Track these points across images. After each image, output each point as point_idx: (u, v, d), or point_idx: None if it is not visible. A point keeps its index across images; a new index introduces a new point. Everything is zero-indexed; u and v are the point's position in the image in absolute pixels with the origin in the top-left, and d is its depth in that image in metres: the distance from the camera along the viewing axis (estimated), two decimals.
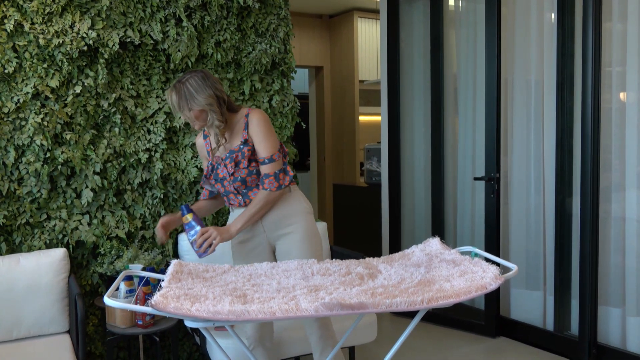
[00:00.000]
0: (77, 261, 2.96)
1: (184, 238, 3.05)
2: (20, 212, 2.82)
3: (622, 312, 3.22)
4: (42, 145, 2.79)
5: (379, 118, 4.73)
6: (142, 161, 3.03)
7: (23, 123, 2.78)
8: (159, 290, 1.77)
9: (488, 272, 1.79)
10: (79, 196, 2.93)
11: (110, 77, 2.98)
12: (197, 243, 2.29)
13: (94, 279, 2.98)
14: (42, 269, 2.68)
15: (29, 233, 2.84)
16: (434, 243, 2.18)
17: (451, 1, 4.06)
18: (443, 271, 1.91)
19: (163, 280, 1.93)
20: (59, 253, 2.76)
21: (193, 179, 3.14)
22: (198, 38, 3.18)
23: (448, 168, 4.15)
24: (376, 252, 3.37)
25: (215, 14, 3.19)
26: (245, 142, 2.37)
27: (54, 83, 2.81)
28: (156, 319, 2.68)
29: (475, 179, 3.80)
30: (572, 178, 3.42)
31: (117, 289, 2.57)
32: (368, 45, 6.27)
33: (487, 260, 1.98)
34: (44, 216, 2.86)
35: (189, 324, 1.68)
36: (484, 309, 3.79)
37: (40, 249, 2.83)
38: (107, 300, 1.69)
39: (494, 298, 3.71)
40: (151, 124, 3.09)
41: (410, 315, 3.74)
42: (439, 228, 4.18)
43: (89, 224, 2.94)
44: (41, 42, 2.76)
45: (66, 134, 2.85)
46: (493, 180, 3.67)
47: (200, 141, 2.54)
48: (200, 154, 2.58)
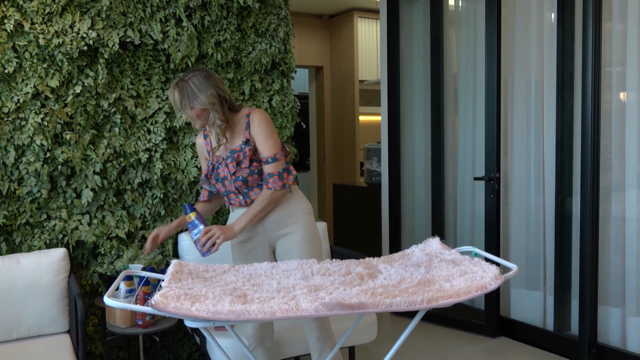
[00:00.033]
0: (77, 261, 2.96)
1: (184, 238, 3.05)
2: (20, 212, 2.82)
3: (622, 312, 3.22)
4: (42, 145, 2.79)
5: (379, 118, 4.73)
6: (142, 161, 3.03)
7: (23, 123, 2.78)
8: (159, 290, 1.77)
9: (488, 272, 1.79)
10: (79, 196, 2.93)
11: (110, 77, 2.98)
12: (201, 242, 2.29)
13: (94, 278, 2.98)
14: (42, 269, 2.68)
15: (29, 233, 2.84)
16: (434, 243, 2.18)
17: (451, 1, 4.06)
18: (443, 271, 1.91)
19: (163, 280, 1.93)
20: (59, 253, 2.76)
21: (193, 179, 3.14)
22: (198, 38, 3.18)
23: (448, 168, 4.15)
24: (376, 252, 3.37)
25: (215, 14, 3.20)
26: (247, 142, 2.37)
27: (54, 83, 2.81)
28: (156, 318, 2.68)
29: (475, 178, 3.80)
30: (572, 178, 3.42)
31: (117, 288, 2.57)
32: (368, 45, 6.27)
33: (487, 260, 1.98)
34: (44, 216, 2.86)
35: (189, 323, 1.68)
36: (484, 309, 3.79)
37: (40, 249, 2.83)
38: (107, 300, 1.69)
39: (494, 298, 3.71)
40: (151, 124, 3.09)
41: (410, 315, 3.74)
42: (439, 228, 4.18)
43: (89, 224, 2.94)
44: (41, 42, 2.76)
45: (66, 134, 2.85)
46: (493, 180, 3.67)
47: (200, 141, 2.54)
48: (199, 154, 2.58)
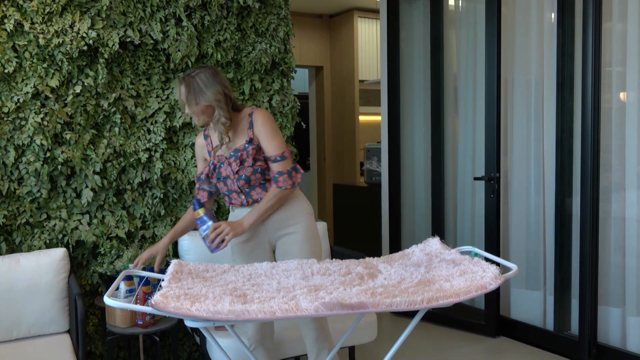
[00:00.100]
0: (77, 261, 2.96)
1: (185, 238, 3.04)
2: (20, 212, 2.82)
3: (622, 312, 3.22)
4: (42, 145, 2.79)
5: (379, 118, 4.73)
6: (142, 161, 3.03)
7: (23, 123, 2.78)
8: (159, 290, 1.77)
9: (488, 272, 1.79)
10: (79, 196, 2.93)
11: (110, 77, 2.98)
12: (210, 238, 2.28)
13: (94, 278, 2.98)
14: (42, 268, 2.68)
15: (29, 233, 2.84)
16: (434, 243, 2.18)
17: (451, 1, 4.06)
18: (443, 271, 1.91)
19: (163, 280, 1.93)
20: (59, 253, 2.76)
21: (193, 179, 3.14)
22: (198, 38, 3.18)
23: (448, 168, 4.15)
24: (376, 252, 3.37)
25: (215, 14, 3.19)
26: (251, 141, 2.37)
27: (54, 83, 2.81)
28: (156, 318, 2.68)
29: (475, 178, 3.80)
30: (572, 178, 3.42)
31: (117, 288, 2.56)
32: (368, 45, 6.27)
33: (487, 260, 1.98)
34: (44, 216, 2.86)
35: (189, 323, 1.68)
36: (484, 309, 3.79)
37: (40, 248, 2.83)
38: (107, 300, 1.69)
39: (494, 298, 3.71)
40: (151, 124, 3.09)
41: (410, 315, 3.74)
42: (439, 228, 4.18)
43: (89, 224, 2.94)
44: (41, 42, 2.76)
45: (66, 134, 2.85)
46: (493, 180, 3.67)
47: (200, 141, 2.54)
48: (197, 154, 2.56)
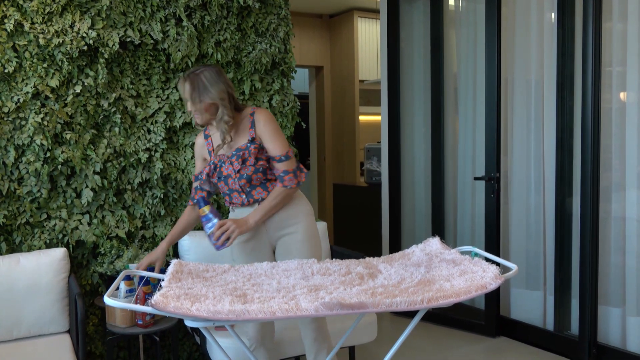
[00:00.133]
0: (77, 261, 2.96)
1: (185, 238, 3.04)
2: (20, 212, 2.82)
3: (622, 312, 3.22)
4: (42, 144, 2.79)
5: (379, 118, 4.73)
6: (142, 161, 3.03)
7: (23, 123, 2.78)
8: (159, 289, 1.77)
9: (488, 272, 1.79)
10: (79, 196, 2.93)
11: (110, 77, 2.98)
12: (215, 236, 2.28)
13: (94, 278, 2.98)
14: (42, 268, 2.68)
15: (29, 233, 2.84)
16: (434, 243, 2.18)
17: (451, 1, 4.06)
18: (443, 271, 1.91)
19: (163, 280, 1.93)
20: (59, 253, 2.76)
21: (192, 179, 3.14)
22: (198, 38, 3.18)
23: (448, 168, 4.15)
24: (376, 252, 3.37)
25: (216, 14, 3.19)
26: (253, 141, 2.38)
27: (54, 83, 2.81)
28: (156, 318, 2.68)
29: (476, 178, 3.80)
30: (572, 178, 3.42)
31: (117, 288, 2.56)
32: (368, 45, 6.27)
33: (487, 260, 1.98)
34: (44, 216, 2.86)
35: (189, 323, 1.68)
36: (484, 309, 3.79)
37: (40, 248, 2.83)
38: (107, 300, 1.69)
39: (494, 298, 3.71)
40: (151, 124, 3.09)
41: (410, 315, 3.74)
42: (439, 228, 4.18)
43: (89, 224, 2.94)
44: (41, 42, 2.76)
45: (66, 134, 2.85)
46: (493, 180, 3.67)
47: (200, 140, 2.53)
48: (197, 154, 2.56)
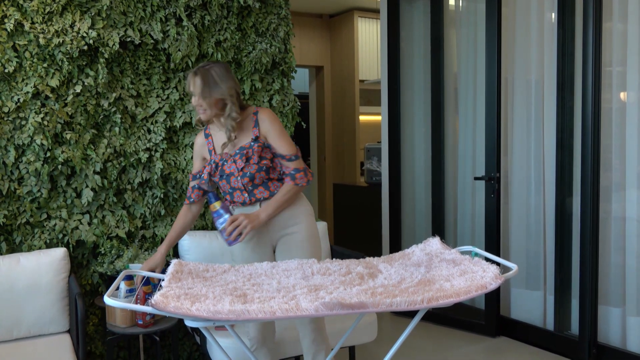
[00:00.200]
0: (78, 261, 2.96)
1: (185, 238, 3.04)
2: (21, 212, 2.82)
3: (622, 312, 3.22)
4: (42, 144, 2.79)
5: (379, 118, 4.73)
6: (143, 161, 3.03)
7: (23, 122, 2.78)
8: (159, 289, 1.77)
9: (488, 272, 1.79)
10: (79, 196, 2.93)
11: (111, 77, 2.98)
12: (227, 231, 2.28)
13: (94, 278, 2.98)
14: (42, 268, 2.68)
15: (29, 232, 2.84)
16: (434, 243, 2.18)
17: (451, 1, 4.06)
18: (443, 271, 1.91)
19: (163, 279, 1.93)
20: (59, 253, 2.76)
21: None
22: (198, 37, 3.18)
23: (448, 168, 4.15)
24: (376, 252, 3.37)
25: (216, 14, 3.19)
26: (257, 139, 2.38)
27: (54, 82, 2.80)
28: (156, 318, 2.68)
29: (476, 178, 3.80)
30: (573, 178, 3.42)
31: (117, 288, 2.56)
32: (368, 45, 6.27)
33: (487, 259, 1.98)
34: (44, 216, 2.86)
35: (189, 323, 1.68)
36: (484, 309, 3.79)
37: (40, 248, 2.83)
38: (107, 300, 1.69)
39: (494, 298, 3.71)
40: (151, 124, 3.09)
41: (411, 314, 3.74)
42: (439, 228, 4.18)
43: (89, 224, 2.94)
44: (41, 42, 2.76)
45: (66, 134, 2.85)
46: (493, 180, 3.67)
47: (200, 140, 2.52)
48: (196, 153, 2.54)
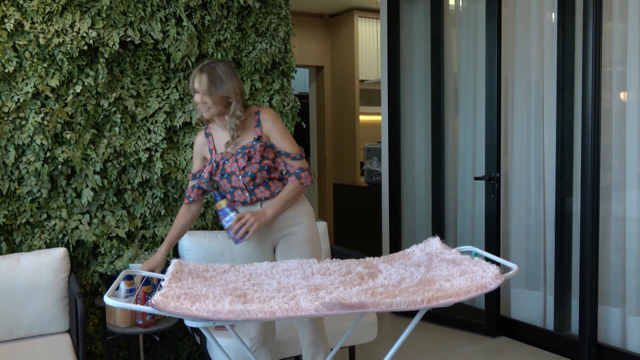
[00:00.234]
0: (78, 261, 2.96)
1: (185, 238, 3.04)
2: (21, 212, 2.82)
3: (622, 312, 3.22)
4: (42, 144, 2.79)
5: (379, 118, 4.73)
6: (143, 161, 3.03)
7: (23, 122, 2.78)
8: (159, 289, 1.77)
9: (488, 272, 1.79)
10: (79, 196, 2.93)
11: (111, 77, 2.98)
12: (234, 229, 2.28)
13: (94, 278, 2.98)
14: (43, 268, 2.68)
15: (29, 232, 2.84)
16: (434, 242, 2.18)
17: (452, 1, 4.06)
18: (443, 271, 1.90)
19: (163, 279, 1.93)
20: (59, 252, 2.76)
21: None
22: (198, 37, 3.18)
23: (448, 168, 4.15)
24: (376, 252, 3.37)
25: (216, 14, 3.19)
26: (259, 139, 2.39)
27: (54, 82, 2.80)
28: (156, 318, 2.68)
29: (476, 178, 3.79)
30: (573, 178, 3.42)
31: (117, 288, 2.56)
32: (368, 45, 6.27)
33: (487, 259, 1.98)
34: (44, 216, 2.86)
35: (189, 323, 1.68)
36: (484, 309, 3.79)
37: (40, 248, 2.83)
38: (107, 300, 1.69)
39: (494, 298, 3.71)
40: (151, 124, 3.09)
41: (411, 314, 3.74)
42: (439, 228, 4.17)
43: (89, 224, 2.94)
44: (41, 42, 2.76)
45: (66, 134, 2.85)
46: (493, 180, 3.67)
47: (201, 139, 2.52)
48: (196, 153, 2.53)
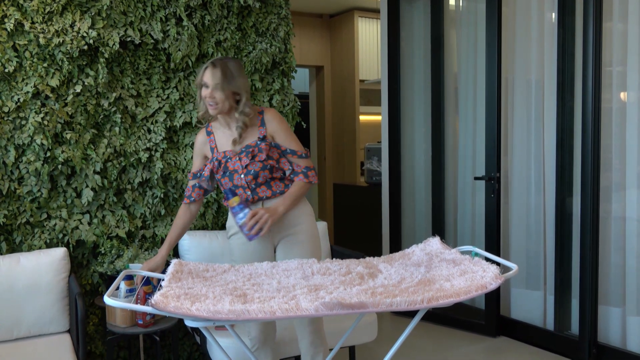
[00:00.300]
0: (78, 260, 2.96)
1: (185, 238, 3.04)
2: (21, 212, 2.82)
3: (622, 312, 3.22)
4: (43, 144, 2.79)
5: (379, 117, 4.73)
6: (143, 160, 3.03)
7: (23, 122, 2.78)
8: (159, 289, 1.77)
9: (488, 272, 1.79)
10: (79, 195, 2.93)
11: (111, 77, 2.98)
12: (248, 226, 2.28)
13: (94, 278, 2.98)
14: (43, 268, 2.68)
15: (29, 232, 2.84)
16: (434, 242, 2.18)
17: (452, 1, 4.06)
18: (443, 271, 1.90)
19: (163, 279, 1.93)
20: (59, 252, 2.76)
21: None
22: (198, 37, 3.18)
23: (448, 167, 4.15)
24: (376, 252, 3.36)
25: (216, 13, 3.19)
26: (264, 139, 2.39)
27: (54, 82, 2.80)
28: (156, 318, 2.68)
29: (476, 178, 3.79)
30: (573, 178, 3.42)
31: (118, 288, 2.56)
32: (368, 45, 6.27)
33: (487, 259, 1.98)
34: (44, 215, 2.86)
35: (189, 323, 1.68)
36: (484, 309, 3.79)
37: (40, 248, 2.83)
38: (108, 300, 1.69)
39: (494, 298, 3.71)
40: (151, 124, 3.09)
41: (411, 314, 3.74)
42: (439, 227, 4.17)
43: (89, 224, 2.94)
44: (41, 42, 2.76)
45: (66, 134, 2.85)
46: (493, 180, 3.67)
47: (202, 138, 2.50)
48: (197, 151, 2.53)
